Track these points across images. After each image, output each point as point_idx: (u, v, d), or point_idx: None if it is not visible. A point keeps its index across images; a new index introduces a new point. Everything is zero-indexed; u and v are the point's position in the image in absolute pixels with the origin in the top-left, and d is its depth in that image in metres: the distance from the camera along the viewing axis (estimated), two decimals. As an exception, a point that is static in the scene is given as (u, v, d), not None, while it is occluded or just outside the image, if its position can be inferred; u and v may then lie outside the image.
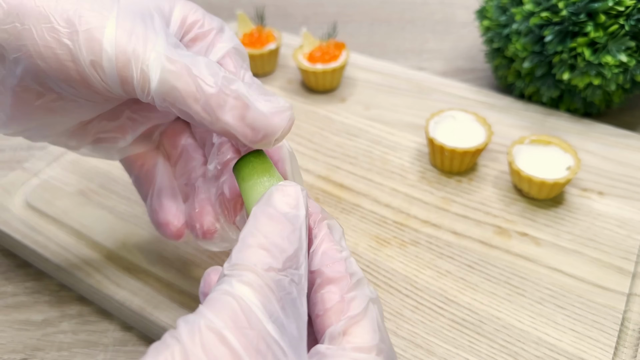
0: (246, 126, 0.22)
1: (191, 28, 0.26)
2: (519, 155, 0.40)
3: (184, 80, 0.22)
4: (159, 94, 0.22)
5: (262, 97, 0.23)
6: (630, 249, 0.36)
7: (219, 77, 0.22)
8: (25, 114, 0.25)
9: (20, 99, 0.24)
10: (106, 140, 0.28)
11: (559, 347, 0.31)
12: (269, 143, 0.23)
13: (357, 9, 0.71)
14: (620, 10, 0.40)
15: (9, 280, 0.38)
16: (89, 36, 0.22)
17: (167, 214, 0.28)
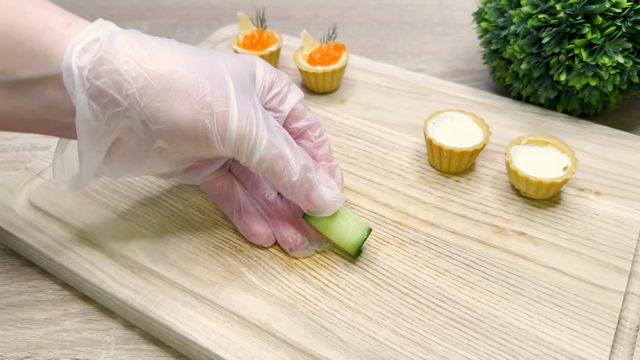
0: (309, 202, 0.33)
1: (271, 87, 0.34)
2: (516, 155, 0.40)
3: (278, 163, 0.31)
4: (257, 166, 0.31)
5: (326, 184, 0.33)
6: (627, 248, 0.37)
7: (301, 166, 0.32)
8: (141, 165, 0.32)
9: (150, 156, 0.31)
10: (193, 172, 0.35)
11: (557, 345, 0.31)
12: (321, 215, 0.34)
13: (357, 11, 0.71)
14: (617, 12, 0.41)
15: (12, 279, 0.38)
16: (220, 118, 0.29)
17: (257, 226, 0.36)
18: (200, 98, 0.28)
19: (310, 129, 0.36)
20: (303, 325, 0.32)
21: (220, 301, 0.34)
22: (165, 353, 0.34)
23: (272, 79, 0.34)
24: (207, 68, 0.29)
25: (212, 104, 0.29)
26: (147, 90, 0.27)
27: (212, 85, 0.29)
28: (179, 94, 0.28)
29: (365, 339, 0.32)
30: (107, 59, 0.27)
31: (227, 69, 0.30)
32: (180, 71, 0.28)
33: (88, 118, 0.27)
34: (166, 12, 0.71)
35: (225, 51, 0.57)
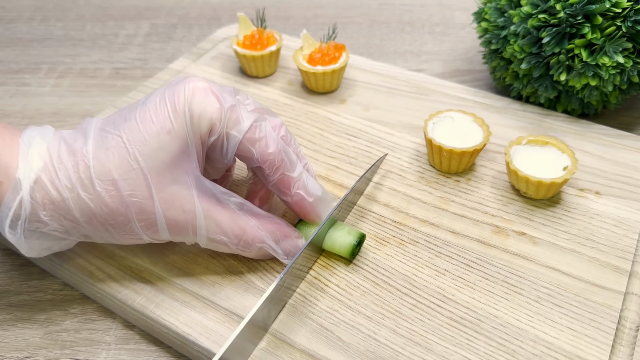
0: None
1: (210, 131, 0.32)
2: (516, 155, 0.40)
3: (221, 241, 0.33)
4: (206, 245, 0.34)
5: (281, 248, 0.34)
6: (627, 248, 0.37)
7: (247, 242, 0.33)
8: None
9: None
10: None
11: (556, 345, 0.31)
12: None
13: (357, 11, 0.71)
14: (617, 12, 0.41)
15: (12, 279, 0.38)
16: (142, 213, 0.31)
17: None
18: (123, 200, 0.30)
19: (265, 165, 0.32)
20: (303, 325, 0.32)
21: (220, 301, 0.34)
22: (165, 353, 0.34)
23: (208, 123, 0.31)
24: (117, 171, 0.30)
25: (129, 204, 0.30)
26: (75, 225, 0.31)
27: (123, 189, 0.30)
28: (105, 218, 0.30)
29: (365, 339, 0.32)
30: (35, 220, 0.30)
31: (145, 160, 0.30)
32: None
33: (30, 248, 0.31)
34: (166, 12, 0.71)
35: (226, 50, 0.57)
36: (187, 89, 0.31)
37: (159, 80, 0.53)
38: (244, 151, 0.32)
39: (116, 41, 0.66)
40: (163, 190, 0.30)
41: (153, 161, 0.30)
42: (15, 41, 0.66)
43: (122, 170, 0.29)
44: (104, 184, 0.29)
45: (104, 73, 0.60)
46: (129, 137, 0.30)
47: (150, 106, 0.31)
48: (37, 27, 0.68)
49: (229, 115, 0.31)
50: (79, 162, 0.30)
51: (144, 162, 0.29)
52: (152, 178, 0.30)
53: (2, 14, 0.71)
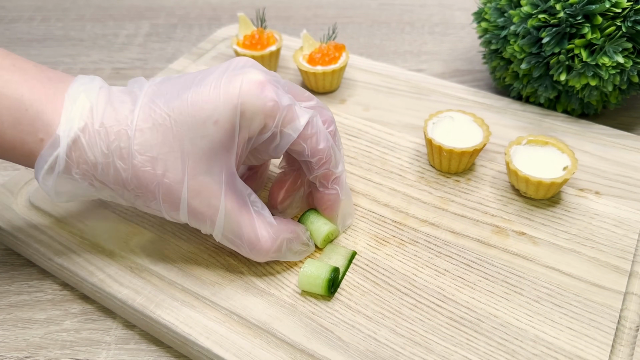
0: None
1: (263, 129, 0.32)
2: (516, 155, 0.40)
3: (235, 244, 0.33)
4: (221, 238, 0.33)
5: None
6: (626, 248, 0.37)
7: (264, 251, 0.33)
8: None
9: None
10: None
11: (556, 345, 0.31)
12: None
13: (357, 11, 0.71)
14: (617, 12, 0.41)
15: (12, 279, 0.38)
16: (168, 193, 0.31)
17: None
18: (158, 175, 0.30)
19: (314, 160, 0.33)
20: (303, 325, 0.32)
21: (220, 301, 0.34)
22: (165, 353, 0.34)
23: (262, 121, 0.30)
24: (157, 150, 0.30)
25: (159, 183, 0.30)
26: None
27: (158, 168, 0.30)
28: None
29: (365, 339, 0.32)
30: (67, 176, 0.31)
31: (187, 144, 0.30)
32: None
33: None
34: (166, 12, 0.71)
35: (226, 50, 0.57)
36: (244, 82, 0.30)
37: (159, 80, 0.53)
38: (295, 146, 0.32)
39: (116, 41, 0.66)
40: (194, 178, 0.30)
41: (193, 147, 0.29)
42: (15, 41, 0.66)
43: (162, 150, 0.30)
44: (141, 159, 0.30)
45: (104, 73, 0.60)
46: (176, 119, 0.29)
47: (204, 90, 0.30)
48: (37, 27, 0.68)
49: (285, 114, 0.31)
50: (121, 130, 0.30)
51: (185, 147, 0.29)
52: (188, 164, 0.30)
53: (3, 14, 0.71)
